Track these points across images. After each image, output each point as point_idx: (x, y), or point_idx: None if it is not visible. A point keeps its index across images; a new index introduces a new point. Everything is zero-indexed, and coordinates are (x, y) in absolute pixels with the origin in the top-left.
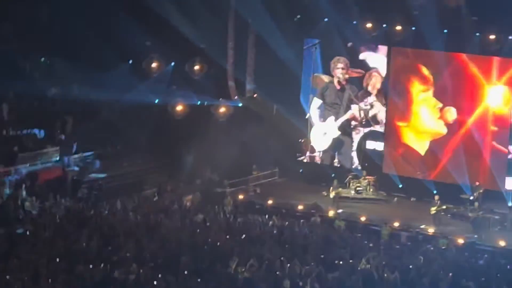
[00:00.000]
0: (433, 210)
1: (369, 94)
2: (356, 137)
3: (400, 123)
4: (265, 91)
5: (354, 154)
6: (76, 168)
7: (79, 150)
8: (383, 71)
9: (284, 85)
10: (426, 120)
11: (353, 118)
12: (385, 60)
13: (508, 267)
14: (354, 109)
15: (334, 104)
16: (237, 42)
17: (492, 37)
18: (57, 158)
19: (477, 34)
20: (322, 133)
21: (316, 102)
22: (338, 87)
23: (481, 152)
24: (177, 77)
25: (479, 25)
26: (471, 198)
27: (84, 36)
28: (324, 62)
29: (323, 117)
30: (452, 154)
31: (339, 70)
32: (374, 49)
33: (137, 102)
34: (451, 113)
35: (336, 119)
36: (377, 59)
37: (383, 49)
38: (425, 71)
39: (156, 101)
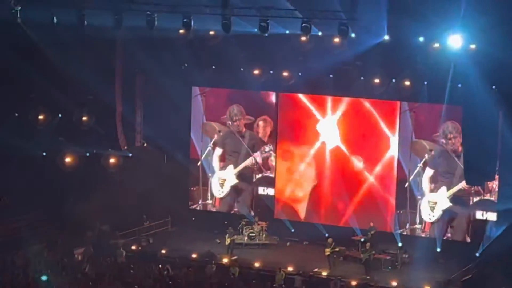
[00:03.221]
0: (327, 251)
1: (264, 141)
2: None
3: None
4: (155, 140)
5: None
6: None
7: None
8: (274, 117)
9: (175, 134)
10: None
11: (252, 165)
12: (273, 106)
13: None
14: (254, 156)
15: (233, 152)
16: (125, 91)
17: (376, 80)
18: None
19: (362, 78)
20: (221, 181)
21: (218, 151)
22: (238, 135)
23: (380, 198)
24: (65, 128)
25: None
26: (363, 239)
27: None
28: (212, 110)
29: (224, 165)
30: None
31: (235, 117)
32: (264, 95)
33: (24, 155)
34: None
35: (235, 166)
36: (267, 105)
37: (272, 95)
38: (317, 116)
39: (44, 153)
